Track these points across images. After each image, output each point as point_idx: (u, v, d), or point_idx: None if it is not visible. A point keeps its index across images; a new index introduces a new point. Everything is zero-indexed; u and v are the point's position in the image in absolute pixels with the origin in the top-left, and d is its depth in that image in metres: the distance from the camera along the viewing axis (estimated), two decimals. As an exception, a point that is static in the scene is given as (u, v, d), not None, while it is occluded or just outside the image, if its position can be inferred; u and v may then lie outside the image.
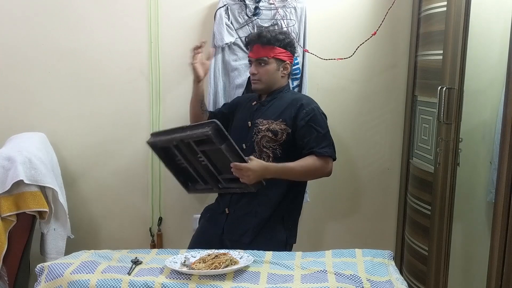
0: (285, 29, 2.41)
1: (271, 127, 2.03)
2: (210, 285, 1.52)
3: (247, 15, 2.39)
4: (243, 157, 1.89)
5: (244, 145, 2.07)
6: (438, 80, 2.13)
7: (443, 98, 2.04)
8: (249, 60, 2.12)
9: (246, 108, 2.17)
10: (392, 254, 1.80)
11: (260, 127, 2.04)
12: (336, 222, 2.73)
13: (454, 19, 2.01)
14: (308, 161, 1.96)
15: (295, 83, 2.48)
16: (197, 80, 2.16)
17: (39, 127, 2.49)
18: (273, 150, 2.02)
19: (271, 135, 2.02)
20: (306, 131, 1.99)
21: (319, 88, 2.57)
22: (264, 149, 2.03)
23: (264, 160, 2.00)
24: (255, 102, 2.15)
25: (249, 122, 2.09)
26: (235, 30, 2.40)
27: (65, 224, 2.23)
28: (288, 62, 2.08)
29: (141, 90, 2.53)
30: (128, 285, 1.51)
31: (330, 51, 2.47)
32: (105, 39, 2.47)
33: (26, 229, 2.13)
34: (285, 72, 2.09)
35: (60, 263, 1.63)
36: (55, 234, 2.21)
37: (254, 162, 1.90)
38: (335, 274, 1.59)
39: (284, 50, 2.07)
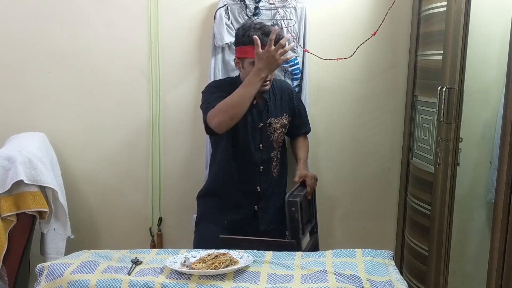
0: (284, 29, 2.41)
1: (283, 123, 2.22)
2: (210, 285, 1.52)
3: (247, 15, 2.39)
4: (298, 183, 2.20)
5: (261, 145, 2.16)
6: (438, 80, 2.13)
7: (443, 98, 2.04)
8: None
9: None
10: (392, 254, 1.80)
11: (275, 126, 2.18)
12: (336, 222, 2.73)
13: (454, 19, 2.01)
14: (305, 144, 2.37)
15: (295, 83, 2.48)
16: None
17: (39, 127, 2.49)
18: (283, 141, 2.27)
19: (283, 130, 2.23)
20: (298, 115, 2.32)
21: (319, 88, 2.57)
22: (280, 143, 2.25)
23: (277, 150, 2.23)
24: (256, 101, 2.14)
25: (261, 124, 2.15)
26: (235, 30, 2.40)
27: (65, 224, 2.23)
28: None
29: (141, 90, 2.53)
30: (128, 285, 1.51)
31: (330, 51, 2.47)
32: (105, 39, 2.47)
33: (26, 229, 2.13)
34: None
35: (60, 263, 1.63)
36: (55, 234, 2.21)
37: (303, 172, 2.22)
38: (335, 274, 1.59)
39: None
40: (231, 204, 2.19)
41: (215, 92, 2.10)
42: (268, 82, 2.08)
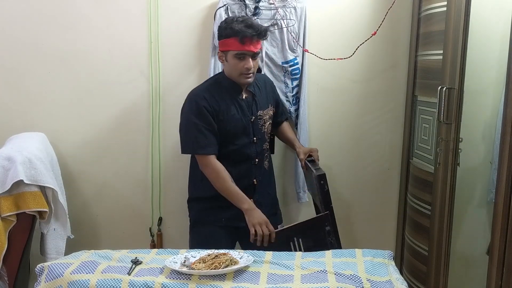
0: (284, 29, 2.42)
1: (269, 114, 2.26)
2: (210, 285, 1.52)
3: (246, 15, 2.38)
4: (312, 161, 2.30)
5: (255, 138, 2.19)
6: (438, 80, 2.13)
7: (443, 98, 2.04)
8: (242, 54, 2.05)
9: (235, 104, 2.14)
10: (392, 254, 1.80)
11: (264, 118, 2.22)
12: (336, 222, 2.72)
13: (454, 19, 2.01)
14: (290, 126, 2.46)
15: (295, 83, 2.48)
16: None
17: (39, 127, 2.49)
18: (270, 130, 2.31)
19: (271, 121, 2.28)
20: (277, 103, 2.38)
21: (319, 88, 2.57)
22: (269, 134, 2.29)
23: (267, 142, 2.27)
24: (245, 96, 2.17)
25: (253, 117, 2.17)
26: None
27: (65, 224, 2.23)
28: None
29: (141, 90, 2.53)
30: (128, 285, 1.51)
31: (330, 51, 2.47)
32: (105, 39, 2.47)
33: (26, 229, 2.13)
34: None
35: (60, 263, 1.63)
36: (55, 234, 2.21)
37: (305, 148, 2.32)
38: (335, 274, 1.59)
39: None
40: (227, 202, 2.16)
41: (194, 124, 2.08)
42: (251, 75, 2.09)
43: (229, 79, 2.14)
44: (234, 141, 2.14)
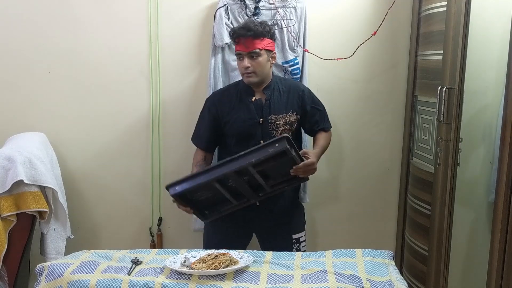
0: (284, 29, 2.42)
1: (287, 120, 2.18)
2: (210, 285, 1.52)
3: (247, 15, 2.39)
4: (301, 156, 2.02)
5: (262, 141, 2.14)
6: (438, 80, 2.13)
7: (443, 98, 2.04)
8: (238, 54, 2.11)
9: (244, 106, 2.17)
10: (392, 254, 1.80)
11: (277, 122, 2.16)
12: (336, 222, 2.73)
13: (454, 19, 2.01)
14: (325, 138, 2.28)
15: (295, 83, 2.48)
16: None
17: (39, 127, 2.49)
18: None
19: (288, 127, 2.18)
20: (312, 113, 2.25)
21: (319, 88, 2.57)
22: None
23: None
24: (254, 99, 2.17)
25: (261, 120, 2.16)
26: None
27: (65, 224, 2.23)
28: (274, 51, 2.17)
29: (141, 90, 2.53)
30: (128, 285, 1.51)
31: (330, 51, 2.47)
32: (105, 39, 2.47)
33: (26, 229, 2.14)
34: (273, 62, 2.19)
35: (60, 263, 1.63)
36: (55, 234, 2.21)
37: (312, 155, 2.08)
38: (335, 274, 1.59)
39: (271, 41, 2.14)
40: None
41: (198, 118, 2.26)
42: (251, 74, 2.09)
43: (244, 82, 2.18)
44: (241, 143, 2.16)
